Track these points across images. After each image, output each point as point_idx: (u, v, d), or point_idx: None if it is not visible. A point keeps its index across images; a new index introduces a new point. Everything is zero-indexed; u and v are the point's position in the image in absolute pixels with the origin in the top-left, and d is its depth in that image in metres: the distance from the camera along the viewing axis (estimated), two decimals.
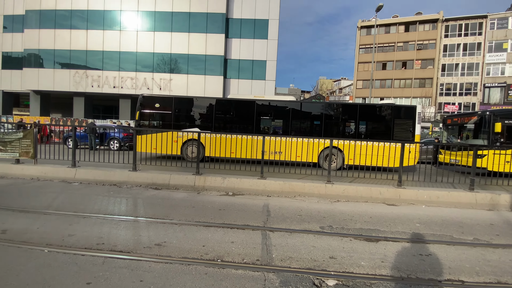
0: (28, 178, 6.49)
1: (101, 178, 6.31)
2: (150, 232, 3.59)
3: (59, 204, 4.60)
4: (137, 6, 20.41)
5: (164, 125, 10.54)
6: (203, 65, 20.40)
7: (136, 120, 10.56)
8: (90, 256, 2.84)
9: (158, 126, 10.63)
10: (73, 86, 21.11)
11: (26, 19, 21.55)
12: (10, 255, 2.82)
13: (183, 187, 6.12)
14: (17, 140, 6.98)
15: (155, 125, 10.68)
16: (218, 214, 4.44)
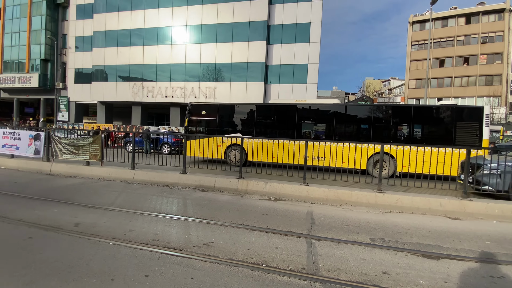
0: (95, 178, 7.42)
1: (156, 179, 6.90)
2: (199, 232, 3.77)
3: (121, 202, 5.15)
4: (185, 21, 22.12)
5: (210, 130, 11.10)
6: (245, 73, 21.02)
7: (185, 126, 11.36)
8: (148, 251, 3.10)
9: (204, 131, 11.23)
10: (132, 96, 23.70)
11: (94, 40, 25.07)
12: (82, 245, 3.24)
13: (227, 190, 6.32)
14: (87, 145, 8.07)
15: (202, 131, 11.29)
16: (261, 219, 4.46)
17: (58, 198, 5.23)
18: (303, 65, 20.48)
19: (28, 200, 5.08)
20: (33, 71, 27.10)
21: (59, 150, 8.14)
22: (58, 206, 4.76)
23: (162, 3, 22.63)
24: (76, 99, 26.96)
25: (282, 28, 21.02)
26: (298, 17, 20.58)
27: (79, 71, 26.88)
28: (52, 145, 8.25)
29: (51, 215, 4.25)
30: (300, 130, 10.10)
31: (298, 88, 20.45)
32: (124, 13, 23.81)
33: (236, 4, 20.95)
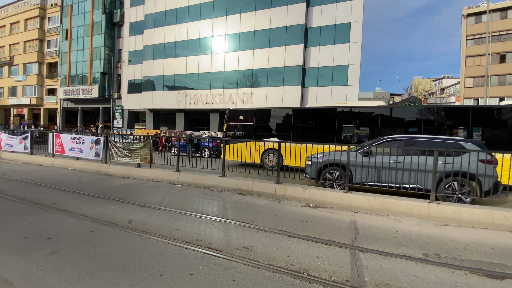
0: (145, 179, 8.07)
1: (198, 181, 7.24)
2: (238, 235, 3.84)
3: (167, 202, 5.51)
4: (225, 30, 23.09)
5: (247, 135, 11.26)
6: (282, 77, 21.03)
7: (224, 131, 11.73)
8: (192, 250, 3.25)
9: (241, 136, 11.44)
10: (176, 104, 25.42)
11: (144, 53, 27.59)
12: (134, 241, 3.53)
13: (265, 195, 6.33)
14: (139, 149, 8.84)
15: (239, 135, 11.52)
16: (300, 226, 4.36)
17: (114, 197, 5.81)
18: (343, 66, 19.73)
19: (90, 198, 5.74)
20: (94, 83, 30.88)
21: (115, 153, 9.07)
22: (114, 204, 5.28)
23: (204, 15, 23.98)
24: (129, 107, 29.88)
25: (320, 30, 20.61)
26: (337, 17, 19.96)
27: (131, 82, 29.81)
28: (110, 148, 9.23)
29: (108, 212, 4.73)
30: (340, 134, 9.68)
31: (338, 91, 19.73)
32: (169, 27, 25.82)
33: (273, 10, 21.21)
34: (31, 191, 6.08)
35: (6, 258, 2.91)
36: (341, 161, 6.08)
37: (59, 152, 10.35)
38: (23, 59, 36.66)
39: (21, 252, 3.07)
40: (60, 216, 4.40)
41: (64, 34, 33.15)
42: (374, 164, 5.85)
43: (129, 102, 29.75)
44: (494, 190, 5.29)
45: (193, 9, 24.57)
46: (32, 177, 7.81)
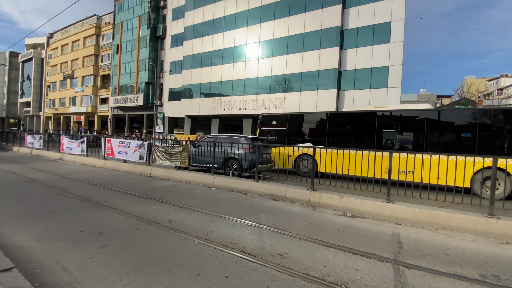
0: (183, 181, 8.49)
1: (231, 185, 7.40)
2: (272, 241, 3.81)
3: (203, 204, 5.72)
4: (258, 37, 23.53)
5: (280, 140, 11.19)
6: (316, 81, 20.62)
7: (257, 136, 11.84)
8: (227, 253, 3.31)
9: (274, 141, 11.41)
10: (211, 110, 26.47)
11: (183, 63, 29.34)
12: (173, 240, 3.72)
13: (298, 201, 6.21)
14: (178, 153, 9.36)
15: (272, 140, 11.50)
16: (337, 236, 4.17)
17: (156, 197, 6.22)
18: (382, 68, 18.63)
19: (135, 197, 6.21)
20: (139, 92, 33.68)
21: (157, 156, 9.73)
22: (156, 204, 5.65)
23: (238, 23, 24.77)
24: (169, 114, 31.92)
25: (357, 31, 19.83)
26: (376, 17, 19.02)
27: (171, 91, 31.85)
28: (152, 152, 9.93)
29: (151, 211, 5.07)
30: (380, 140, 9.12)
31: (377, 93, 18.65)
32: (206, 37, 27.15)
33: (307, 14, 21.03)
34: (87, 190, 6.80)
35: (66, 249, 3.29)
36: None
37: (110, 155, 11.45)
38: (81, 73, 41.63)
39: (78, 244, 3.44)
40: (110, 213, 4.84)
41: (115, 49, 36.88)
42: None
43: (169, 109, 31.78)
44: (249, 167, 8.23)
45: (228, 19, 25.54)
46: (87, 177, 8.74)
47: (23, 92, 54.62)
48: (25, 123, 54.68)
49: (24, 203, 5.33)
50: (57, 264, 2.90)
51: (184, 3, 29.43)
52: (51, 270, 2.76)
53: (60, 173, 9.35)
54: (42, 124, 50.07)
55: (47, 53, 49.99)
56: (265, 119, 11.84)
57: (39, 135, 16.84)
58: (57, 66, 46.16)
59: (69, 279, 2.60)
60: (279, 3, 22.46)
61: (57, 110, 45.85)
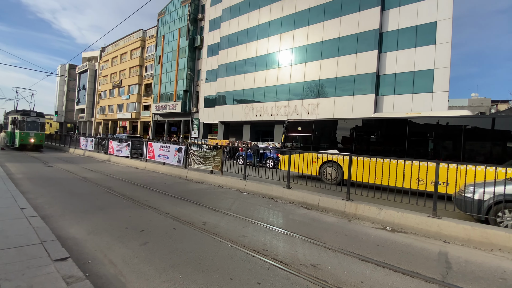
0: (216, 185, 8.74)
1: (262, 191, 7.41)
2: (305, 251, 3.71)
3: (235, 209, 5.81)
4: (292, 44, 23.55)
5: (305, 147, 10.99)
6: (351, 86, 19.87)
7: (282, 142, 11.75)
8: (259, 259, 3.31)
9: (299, 147, 11.23)
10: (243, 116, 27.01)
11: (218, 71, 30.52)
12: (207, 242, 3.82)
13: (332, 211, 5.97)
14: (212, 157, 9.69)
15: (297, 146, 11.35)
16: (375, 250, 3.91)
17: (191, 199, 6.48)
18: (426, 71, 17.27)
19: (172, 198, 6.55)
20: (177, 100, 35.76)
21: (193, 160, 10.17)
22: (191, 206, 5.89)
23: (272, 31, 25.11)
24: (204, 120, 33.30)
25: (397, 33, 18.75)
26: (419, 18, 17.80)
27: (207, 98, 33.27)
28: (189, 156, 10.42)
29: (187, 213, 5.29)
30: (414, 148, 8.51)
31: (421, 99, 17.30)
32: (241, 46, 27.98)
33: (343, 19, 20.52)
34: (130, 189, 7.36)
35: (112, 243, 3.58)
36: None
37: (151, 157, 12.28)
38: (128, 82, 45.65)
39: (122, 239, 3.73)
40: (150, 213, 5.16)
41: (158, 60, 39.84)
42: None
43: (204, 115, 33.16)
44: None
45: (262, 27, 26.04)
46: (130, 177, 9.47)
47: (79, 100, 61.62)
48: (80, 127, 61.42)
49: (77, 199, 5.94)
50: (104, 257, 3.16)
51: (220, 14, 30.78)
52: (99, 262, 3.02)
53: (108, 173, 10.26)
54: (93, 128, 55.76)
55: (100, 65, 55.91)
56: (291, 125, 11.71)
57: (91, 138, 18.76)
58: (108, 76, 51.31)
59: (115, 272, 2.82)
60: (314, 9, 22.30)
61: (106, 116, 50.75)
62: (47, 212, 4.77)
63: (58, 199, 5.79)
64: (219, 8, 31.27)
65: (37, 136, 18.68)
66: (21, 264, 2.61)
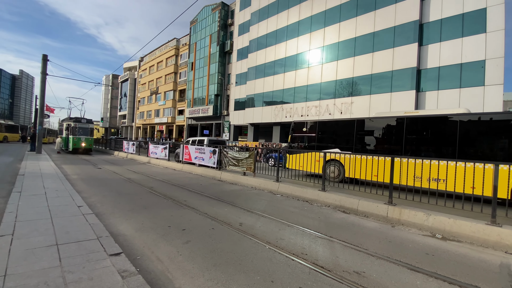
0: (249, 187, 8.82)
1: (296, 193, 7.30)
2: (346, 256, 3.56)
3: (270, 211, 5.80)
4: (322, 42, 22.96)
5: (310, 146, 11.36)
6: (388, 82, 18.70)
7: (288, 142, 12.21)
8: (298, 263, 3.25)
9: (304, 147, 11.60)
10: (273, 118, 26.98)
11: (248, 74, 30.94)
12: (245, 243, 3.85)
13: (373, 216, 5.65)
14: (244, 159, 9.82)
15: (303, 146, 11.75)
16: (425, 259, 3.61)
17: (226, 200, 6.63)
18: (476, 62, 15.56)
19: (208, 199, 6.76)
20: (209, 104, 37.01)
21: (227, 162, 10.41)
22: (227, 207, 6.01)
23: (301, 30, 24.77)
24: (234, 122, 33.98)
25: (440, 23, 17.23)
26: (465, 5, 16.15)
27: (237, 101, 33.93)
28: (222, 158, 10.69)
29: (223, 213, 5.42)
30: (407, 146, 8.58)
31: (470, 93, 15.63)
32: (269, 48, 28.05)
33: (377, 12, 19.46)
34: (170, 190, 7.77)
35: (158, 241, 3.79)
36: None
37: (187, 159, 12.85)
38: (164, 89, 48.47)
39: (166, 238, 3.93)
40: (189, 212, 5.39)
41: (190, 66, 41.70)
42: None
43: (234, 118, 33.83)
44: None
45: (291, 27, 25.83)
46: (169, 178, 10.00)
47: (121, 107, 67.01)
48: (122, 132, 66.67)
49: (124, 198, 6.43)
50: (152, 253, 3.37)
51: (249, 18, 31.23)
52: (147, 259, 3.22)
53: (149, 174, 10.97)
54: (134, 132, 60.13)
55: (139, 73, 60.23)
56: (296, 126, 12.07)
57: (132, 142, 20.23)
58: (146, 84, 55.03)
59: (162, 268, 2.98)
60: (345, 4, 21.52)
61: (145, 121, 54.40)
62: (99, 210, 5.23)
63: (108, 198, 6.32)
64: (248, 12, 31.76)
65: (87, 140, 20.69)
66: (81, 257, 2.88)
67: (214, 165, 11.03)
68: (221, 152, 10.80)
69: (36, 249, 3.02)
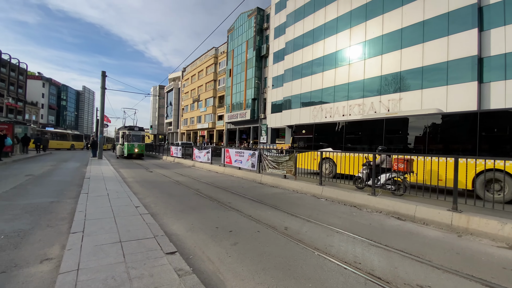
0: (290, 190, 8.68)
1: (343, 198, 6.93)
2: (406, 268, 3.22)
3: (316, 215, 5.59)
4: (364, 37, 21.69)
5: (308, 146, 12.43)
6: (443, 74, 16.74)
7: (291, 143, 13.62)
8: (352, 272, 3.04)
9: (304, 147, 12.63)
10: (311, 118, 26.28)
11: (284, 76, 30.76)
12: (293, 248, 3.75)
13: (434, 224, 5.06)
14: (285, 162, 9.71)
15: (302, 146, 12.83)
16: (504, 275, 3.08)
17: (268, 203, 6.60)
18: None
19: (251, 201, 6.82)
20: (247, 108, 37.75)
21: (266, 165, 10.43)
22: (270, 210, 5.98)
23: (340, 27, 23.78)
24: (272, 125, 34.05)
25: (503, 4, 14.93)
26: None
27: (274, 104, 33.98)
28: (262, 161, 10.75)
29: (267, 216, 5.40)
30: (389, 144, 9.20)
31: None
32: (306, 48, 27.53)
33: None
34: (214, 192, 8.06)
35: (207, 241, 3.93)
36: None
37: (228, 163, 13.23)
38: (204, 96, 51.00)
39: (215, 238, 4.05)
40: (234, 214, 5.49)
41: (228, 73, 43.17)
42: None
43: (271, 120, 33.89)
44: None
45: (329, 24, 25.00)
46: (213, 181, 10.39)
47: (167, 115, 72.39)
48: (168, 138, 71.85)
49: (174, 199, 6.85)
50: (203, 253, 3.49)
51: (285, 20, 31.14)
52: (199, 259, 3.34)
53: (194, 177, 11.55)
54: (179, 138, 64.31)
55: (182, 83, 64.44)
56: (297, 129, 13.54)
57: (179, 147, 21.60)
58: (188, 92, 58.61)
59: (213, 269, 3.07)
60: None
61: (188, 127, 57.85)
62: (153, 210, 5.65)
63: (160, 199, 6.80)
64: (284, 14, 31.70)
65: (140, 146, 22.74)
66: (142, 255, 3.11)
67: (254, 168, 11.14)
68: (260, 155, 10.87)
69: (103, 245, 3.36)
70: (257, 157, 10.97)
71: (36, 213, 5.07)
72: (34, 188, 7.72)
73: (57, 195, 6.80)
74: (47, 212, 5.18)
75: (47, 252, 3.35)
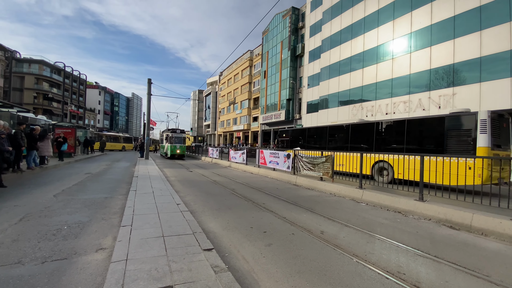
0: (327, 193, 8.38)
1: (386, 203, 6.47)
2: (460, 283, 2.88)
3: (355, 221, 5.32)
4: (409, 28, 19.98)
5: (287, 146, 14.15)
6: (507, 65, 14.54)
7: (275, 144, 14.94)
8: (394, 283, 2.82)
9: (284, 147, 14.27)
10: (351, 118, 25.02)
11: (320, 75, 29.85)
12: (329, 253, 3.62)
13: (494, 235, 4.43)
14: (321, 163, 9.42)
15: (282, 146, 14.64)
16: None
17: (303, 206, 6.47)
18: None
19: (285, 203, 6.76)
20: (281, 109, 37.56)
21: (301, 166, 10.24)
22: (305, 213, 5.86)
23: (382, 20, 22.27)
24: (307, 125, 33.33)
25: None
26: None
27: (309, 103, 33.24)
28: (297, 162, 10.58)
29: (302, 219, 5.30)
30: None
31: None
32: (344, 44, 26.36)
33: None
34: (249, 192, 8.18)
35: (242, 240, 4.00)
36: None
37: (263, 164, 13.32)
38: (240, 98, 52.17)
39: (249, 238, 4.11)
40: (268, 215, 5.50)
41: (263, 75, 43.51)
42: None
43: (307, 121, 33.17)
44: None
45: (369, 18, 23.60)
46: (247, 181, 10.56)
47: (205, 118, 75.79)
48: (207, 139, 75.12)
49: (212, 198, 7.13)
50: (238, 252, 3.57)
51: (321, 17, 30.29)
52: (234, 257, 3.42)
53: (230, 177, 11.88)
54: (216, 140, 66.82)
55: (219, 87, 66.87)
56: (279, 134, 16.91)
57: (216, 148, 22.44)
58: (225, 96, 60.56)
59: (248, 268, 3.11)
60: None
61: (225, 129, 59.74)
62: (193, 208, 5.95)
63: (199, 198, 7.14)
64: (320, 12, 30.88)
65: (181, 148, 24.19)
66: (182, 249, 3.29)
67: (288, 169, 11.02)
68: (296, 156, 10.71)
69: (148, 239, 3.64)
70: (292, 159, 10.83)
71: (93, 207, 5.72)
72: (92, 184, 8.72)
73: (110, 192, 7.58)
74: (102, 207, 5.81)
75: (102, 242, 3.75)
